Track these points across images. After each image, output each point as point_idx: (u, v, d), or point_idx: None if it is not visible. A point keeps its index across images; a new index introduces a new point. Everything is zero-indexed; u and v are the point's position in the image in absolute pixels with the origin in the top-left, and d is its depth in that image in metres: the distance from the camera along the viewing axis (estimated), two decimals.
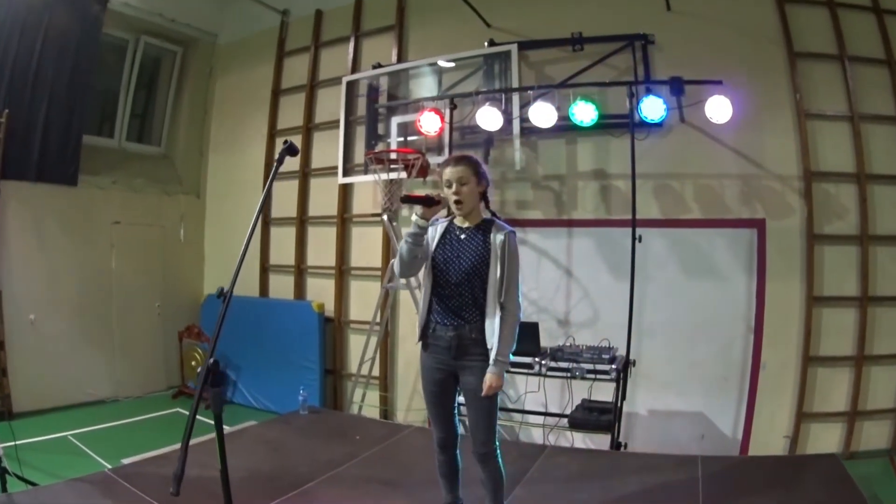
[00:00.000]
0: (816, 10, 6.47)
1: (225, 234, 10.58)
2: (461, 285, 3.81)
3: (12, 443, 5.80)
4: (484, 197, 3.96)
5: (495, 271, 3.75)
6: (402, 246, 3.77)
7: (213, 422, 8.17)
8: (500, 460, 3.92)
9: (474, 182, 3.83)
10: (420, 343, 4.02)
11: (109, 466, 5.81)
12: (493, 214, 4.03)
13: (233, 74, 10.78)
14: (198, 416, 8.16)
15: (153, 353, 10.02)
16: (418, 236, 3.73)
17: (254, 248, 9.89)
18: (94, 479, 5.26)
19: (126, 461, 5.78)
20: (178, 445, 6.35)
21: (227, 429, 7.62)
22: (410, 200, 3.84)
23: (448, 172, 3.85)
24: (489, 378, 3.69)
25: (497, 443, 3.89)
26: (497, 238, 3.78)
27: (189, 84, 11.01)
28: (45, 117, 8.58)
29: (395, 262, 3.92)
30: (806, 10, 6.50)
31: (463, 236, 3.88)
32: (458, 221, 3.95)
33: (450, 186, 3.82)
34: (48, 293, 8.77)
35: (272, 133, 9.86)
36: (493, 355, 3.70)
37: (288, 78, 9.91)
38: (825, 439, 6.32)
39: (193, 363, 9.56)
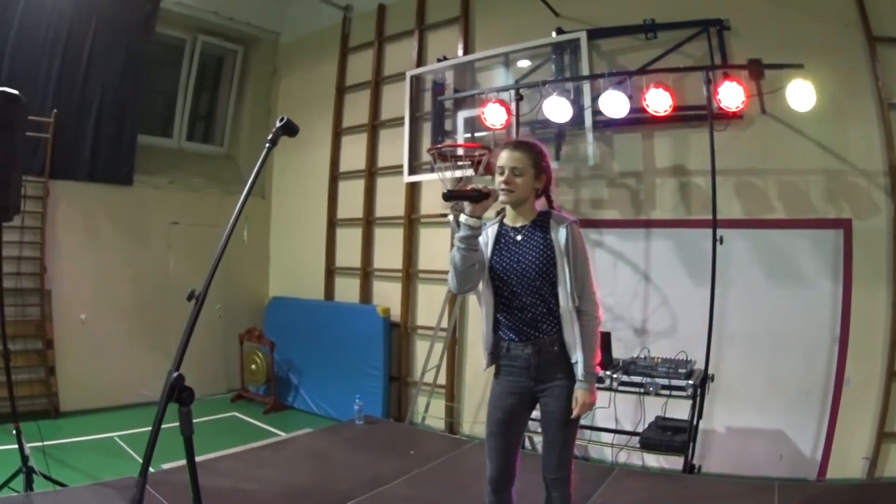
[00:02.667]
0: None
1: (291, 236, 10.92)
2: (529, 294, 3.47)
3: (41, 444, 5.97)
4: (543, 194, 3.65)
5: (564, 271, 3.43)
6: (454, 255, 3.40)
7: (267, 426, 8.09)
8: (571, 487, 3.56)
9: (531, 175, 3.53)
10: (491, 368, 3.68)
11: (152, 470, 5.90)
12: (553, 207, 3.66)
13: (296, 73, 11.12)
14: (253, 421, 8.16)
15: (213, 355, 10.29)
16: (471, 238, 3.34)
17: (319, 250, 10.20)
18: (120, 485, 5.28)
19: (165, 466, 5.75)
20: (230, 451, 6.60)
21: (278, 437, 7.89)
22: (456, 196, 3.49)
23: (503, 157, 3.53)
24: (581, 395, 3.41)
25: (573, 467, 3.57)
26: (559, 232, 3.49)
27: (251, 83, 11.36)
28: (97, 117, 9.02)
29: (450, 276, 3.51)
30: None
31: (520, 237, 3.56)
32: (509, 221, 3.64)
33: (501, 174, 3.51)
34: (100, 293, 9.16)
35: (337, 132, 10.15)
36: (580, 369, 3.40)
37: (352, 75, 10.15)
38: None
39: (253, 367, 9.86)
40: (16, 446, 5.70)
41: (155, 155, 10.08)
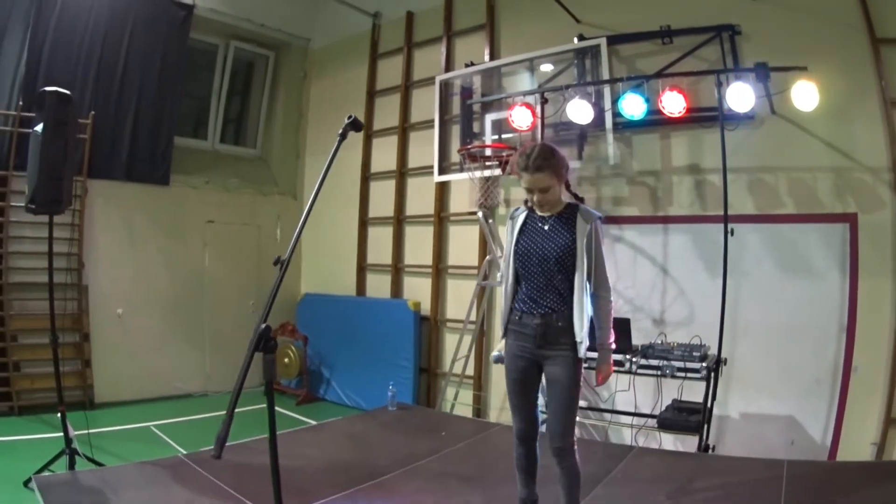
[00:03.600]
0: None
1: (322, 235, 11.38)
2: (547, 274, 3.96)
3: (85, 431, 6.26)
4: (566, 184, 4.23)
5: (583, 260, 3.90)
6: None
7: (299, 416, 8.48)
8: (576, 457, 4.00)
9: (556, 182, 3.96)
10: (504, 331, 4.20)
11: (183, 453, 6.29)
12: (576, 196, 4.20)
13: (327, 77, 11.72)
14: (286, 412, 8.53)
15: (245, 349, 10.50)
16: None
17: (351, 248, 10.77)
18: (165, 463, 5.68)
19: (205, 449, 5.92)
20: (264, 437, 6.90)
21: (313, 422, 8.36)
22: None
23: (528, 180, 3.95)
24: (605, 368, 4.09)
25: (574, 438, 4.01)
26: (584, 227, 3.94)
27: (283, 87, 11.93)
28: (134, 119, 9.59)
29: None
30: None
31: (547, 227, 4.03)
32: (539, 211, 4.09)
33: (531, 192, 3.97)
34: (137, 289, 9.71)
35: (368, 134, 10.69)
36: (586, 345, 3.90)
37: (382, 79, 10.72)
38: None
39: (287, 360, 10.44)
40: (48, 435, 6.33)
41: (191, 156, 10.66)
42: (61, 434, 6.46)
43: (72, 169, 6.01)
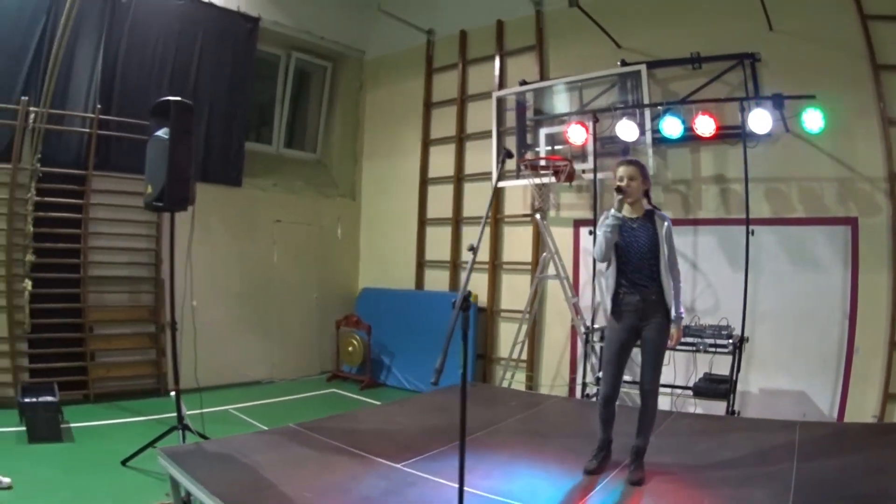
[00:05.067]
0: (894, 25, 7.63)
1: (379, 234, 12.84)
2: (642, 262, 5.22)
3: (198, 411, 7.11)
4: (647, 194, 5.42)
5: (663, 249, 5.20)
6: (601, 235, 5.26)
7: (365, 399, 11.05)
8: (658, 399, 5.35)
9: (640, 180, 5.29)
10: (610, 312, 5.35)
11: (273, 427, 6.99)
12: (653, 206, 5.56)
13: (382, 88, 13.05)
14: (352, 395, 11.00)
15: (309, 340, 12.13)
16: (616, 227, 5.22)
17: (410, 246, 12.11)
18: (279, 431, 6.50)
19: (307, 421, 6.84)
20: (359, 410, 8.73)
21: (378, 403, 9.50)
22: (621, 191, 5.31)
23: (621, 170, 5.32)
24: (674, 332, 5.26)
25: (659, 384, 5.32)
26: (663, 225, 5.26)
27: (340, 96, 13.24)
28: (207, 125, 10.65)
29: (596, 250, 5.33)
30: (886, 25, 7.64)
31: (636, 226, 5.30)
32: (627, 214, 5.35)
33: (621, 180, 5.28)
34: (211, 283, 10.49)
35: (426, 142, 12.07)
36: (673, 315, 5.21)
37: (438, 92, 12.06)
38: None
39: (350, 349, 11.65)
40: (126, 420, 7.49)
41: (257, 159, 11.79)
42: (140, 418, 7.90)
43: (193, 171, 6.90)
